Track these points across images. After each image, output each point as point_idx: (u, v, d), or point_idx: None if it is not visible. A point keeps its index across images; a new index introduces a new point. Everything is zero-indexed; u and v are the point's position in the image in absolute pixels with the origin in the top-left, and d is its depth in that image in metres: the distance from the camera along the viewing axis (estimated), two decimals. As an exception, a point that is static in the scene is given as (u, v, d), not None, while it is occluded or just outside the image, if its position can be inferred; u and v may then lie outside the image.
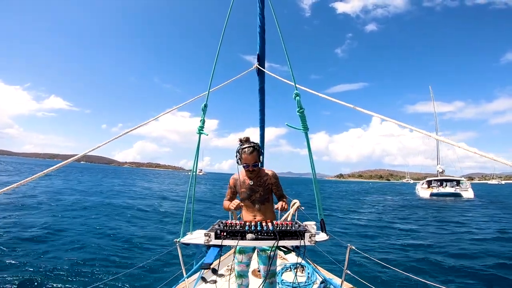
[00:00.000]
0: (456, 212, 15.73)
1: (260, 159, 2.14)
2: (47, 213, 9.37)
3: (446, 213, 15.71)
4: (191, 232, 2.16)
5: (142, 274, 4.64)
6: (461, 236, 8.64)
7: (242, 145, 2.13)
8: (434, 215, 14.63)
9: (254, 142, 2.17)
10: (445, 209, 18.26)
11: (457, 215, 14.43)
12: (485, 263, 5.76)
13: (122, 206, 12.49)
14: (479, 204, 21.62)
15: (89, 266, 4.94)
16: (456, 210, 17.22)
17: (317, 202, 2.09)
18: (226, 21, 2.49)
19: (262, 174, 2.22)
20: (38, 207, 10.29)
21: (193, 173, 2.32)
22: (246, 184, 2.20)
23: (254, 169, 2.13)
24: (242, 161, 2.11)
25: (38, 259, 5.09)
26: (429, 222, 11.81)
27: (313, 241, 1.63)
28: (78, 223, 8.28)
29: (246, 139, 2.17)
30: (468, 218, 12.95)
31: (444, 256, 6.35)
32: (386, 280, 4.81)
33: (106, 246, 6.16)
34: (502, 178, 40.28)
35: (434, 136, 1.61)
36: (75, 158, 1.88)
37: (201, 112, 2.31)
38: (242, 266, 2.22)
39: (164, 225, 9.11)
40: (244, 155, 2.08)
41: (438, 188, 33.09)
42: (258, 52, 3.12)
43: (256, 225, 1.70)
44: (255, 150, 2.10)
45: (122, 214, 10.65)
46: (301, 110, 2.02)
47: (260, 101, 3.66)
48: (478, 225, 10.85)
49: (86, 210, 10.73)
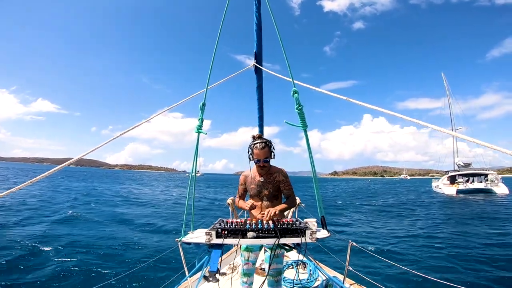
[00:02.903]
0: (504, 211, 13.84)
1: (271, 155, 2.19)
2: (41, 219, 9.33)
3: (490, 213, 13.46)
4: (192, 231, 2.15)
5: (144, 274, 4.64)
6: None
7: (254, 141, 2.19)
8: (479, 216, 12.31)
9: (266, 139, 2.21)
10: (484, 207, 15.83)
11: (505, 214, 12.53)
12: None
13: (121, 206, 12.49)
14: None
15: (91, 267, 4.94)
16: (500, 207, 15.30)
17: (317, 199, 2.09)
18: (222, 20, 2.48)
19: (272, 171, 2.25)
20: (30, 214, 10.24)
21: (193, 173, 2.31)
22: (256, 180, 2.24)
23: (265, 164, 2.17)
24: (253, 157, 2.16)
25: (38, 262, 5.08)
26: (477, 229, 9.45)
27: (314, 238, 1.63)
28: (78, 226, 8.27)
29: (259, 136, 2.24)
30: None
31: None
32: (388, 276, 4.83)
33: (108, 247, 6.16)
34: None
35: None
36: (70, 162, 1.87)
37: (199, 111, 2.30)
38: (249, 265, 2.22)
39: (165, 225, 9.11)
40: (256, 150, 2.14)
41: (465, 184, 28.48)
42: (255, 50, 3.10)
43: (257, 223, 1.70)
44: (266, 145, 2.16)
45: (120, 214, 10.64)
46: (300, 107, 2.02)
47: (258, 99, 3.65)
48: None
49: (83, 213, 10.72)
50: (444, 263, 5.76)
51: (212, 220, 1.94)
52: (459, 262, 5.73)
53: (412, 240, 7.78)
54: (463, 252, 6.49)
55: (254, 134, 2.29)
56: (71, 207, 11.72)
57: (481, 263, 5.69)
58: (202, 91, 2.44)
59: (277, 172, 2.24)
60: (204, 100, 2.35)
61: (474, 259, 5.93)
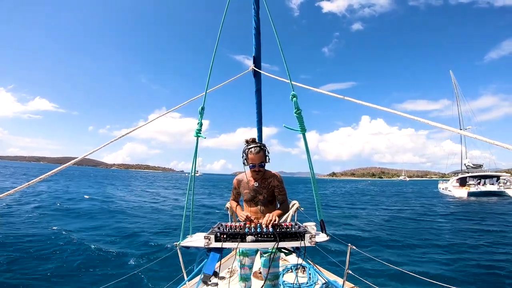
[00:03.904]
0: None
1: (266, 159, 2.14)
2: (38, 220, 9.28)
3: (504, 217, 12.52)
4: (191, 235, 2.15)
5: (142, 278, 4.61)
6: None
7: (249, 145, 2.13)
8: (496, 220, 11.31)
9: (260, 143, 2.17)
10: (498, 211, 14.86)
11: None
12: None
13: (119, 207, 12.43)
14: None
15: (88, 271, 4.91)
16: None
17: (316, 202, 2.08)
18: (222, 22, 2.49)
19: (267, 176, 2.21)
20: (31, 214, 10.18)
21: (192, 176, 2.31)
22: (250, 185, 2.20)
23: (260, 169, 2.12)
24: (248, 161, 2.11)
25: (38, 263, 5.05)
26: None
27: (313, 241, 1.63)
28: (74, 228, 8.22)
29: (253, 140, 2.17)
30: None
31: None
32: (389, 280, 4.81)
33: (105, 250, 6.12)
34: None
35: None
36: (74, 161, 1.87)
37: (198, 115, 2.29)
38: (245, 269, 2.21)
39: (165, 229, 9.07)
40: (251, 155, 2.08)
41: (477, 186, 27.91)
42: (253, 54, 3.11)
43: (256, 227, 1.70)
44: (261, 150, 2.11)
45: (118, 217, 10.59)
46: (298, 111, 2.02)
47: (257, 103, 3.65)
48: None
49: (81, 214, 10.66)
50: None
51: (212, 224, 1.93)
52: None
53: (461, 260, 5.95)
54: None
55: (247, 138, 2.22)
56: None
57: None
58: (201, 95, 2.43)
59: (272, 177, 2.21)
60: (203, 104, 2.35)
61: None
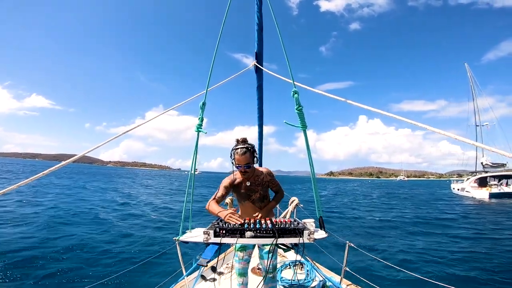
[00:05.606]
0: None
1: (253, 160, 2.13)
2: (35, 219, 9.31)
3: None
4: (190, 230, 2.16)
5: (141, 272, 4.64)
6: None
7: (236, 146, 2.12)
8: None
9: (249, 144, 2.14)
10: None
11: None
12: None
13: (118, 204, 12.47)
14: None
15: (87, 266, 4.94)
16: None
17: (315, 199, 2.09)
18: (224, 20, 2.47)
19: (257, 173, 2.23)
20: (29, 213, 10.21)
21: (192, 172, 2.31)
22: (244, 185, 2.21)
23: (246, 170, 2.11)
24: (235, 162, 2.10)
25: (37, 261, 5.08)
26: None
27: (312, 238, 1.64)
28: (75, 225, 8.27)
29: (243, 140, 2.15)
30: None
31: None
32: (385, 278, 4.84)
33: (104, 245, 6.15)
34: None
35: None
36: (74, 158, 1.87)
37: (199, 110, 2.30)
38: (243, 264, 2.22)
39: (163, 224, 9.11)
40: (237, 156, 2.08)
41: (499, 187, 25.62)
42: (256, 50, 3.10)
43: (255, 223, 1.70)
44: (248, 151, 2.08)
45: (117, 212, 10.64)
46: (300, 108, 2.01)
47: (258, 99, 3.65)
48: None
49: (80, 212, 10.71)
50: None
51: (211, 219, 1.94)
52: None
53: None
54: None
55: (238, 138, 2.18)
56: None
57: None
58: (202, 93, 2.43)
59: (262, 173, 2.25)
60: (205, 99, 2.34)
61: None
